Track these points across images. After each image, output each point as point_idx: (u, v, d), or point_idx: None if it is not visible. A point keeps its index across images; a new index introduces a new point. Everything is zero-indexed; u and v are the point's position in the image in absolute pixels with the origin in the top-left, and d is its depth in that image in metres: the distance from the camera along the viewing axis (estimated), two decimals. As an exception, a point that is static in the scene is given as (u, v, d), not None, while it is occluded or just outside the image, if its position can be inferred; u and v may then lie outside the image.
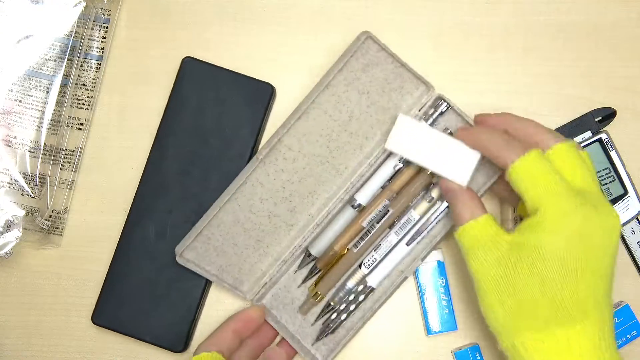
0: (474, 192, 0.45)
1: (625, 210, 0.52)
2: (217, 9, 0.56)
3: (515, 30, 0.55)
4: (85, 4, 0.54)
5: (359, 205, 0.51)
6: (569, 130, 0.53)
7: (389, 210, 0.50)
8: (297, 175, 0.51)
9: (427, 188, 0.50)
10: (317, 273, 0.52)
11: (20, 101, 0.54)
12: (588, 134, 0.53)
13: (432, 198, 0.50)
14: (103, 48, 0.56)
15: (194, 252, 0.50)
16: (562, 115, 0.54)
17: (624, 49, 0.54)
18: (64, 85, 0.54)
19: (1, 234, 0.53)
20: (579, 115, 0.53)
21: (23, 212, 0.53)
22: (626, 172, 0.52)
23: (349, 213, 0.51)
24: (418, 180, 0.50)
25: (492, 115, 0.47)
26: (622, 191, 0.52)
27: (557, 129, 0.53)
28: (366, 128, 0.51)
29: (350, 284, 0.51)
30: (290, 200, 0.51)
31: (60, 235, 0.56)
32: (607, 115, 0.53)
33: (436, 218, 0.50)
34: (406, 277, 0.50)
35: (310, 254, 0.52)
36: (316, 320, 0.52)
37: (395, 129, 0.47)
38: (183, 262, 0.50)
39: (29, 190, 0.53)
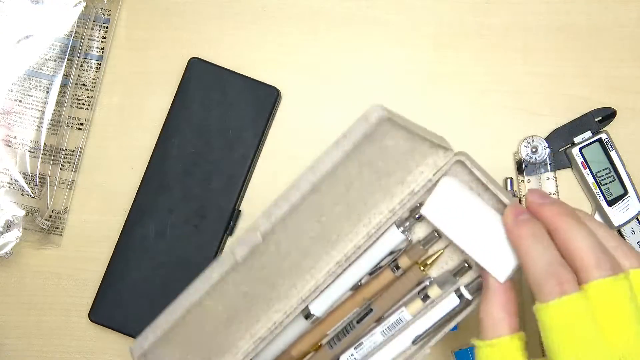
0: (511, 296, 0.36)
1: (625, 210, 0.52)
2: (217, 9, 0.56)
3: (515, 30, 0.55)
4: (85, 4, 0.54)
5: (314, 316, 0.44)
6: (569, 130, 0.53)
7: (371, 309, 0.43)
8: (280, 255, 0.41)
9: (421, 284, 0.43)
10: None
11: (20, 101, 0.54)
12: (588, 134, 0.53)
13: (428, 297, 0.42)
14: (103, 48, 0.56)
15: (153, 355, 0.41)
16: (562, 115, 0.54)
17: (624, 49, 0.54)
18: (64, 85, 0.54)
19: (1, 234, 0.53)
20: (579, 115, 0.53)
21: (23, 212, 0.53)
22: (626, 172, 0.52)
23: (301, 324, 0.45)
24: (410, 275, 0.43)
25: (552, 205, 0.35)
26: (622, 191, 0.52)
27: (557, 129, 0.53)
28: (367, 195, 0.42)
29: None
30: (269, 278, 0.42)
31: (60, 235, 0.56)
32: (607, 115, 0.53)
33: (435, 323, 0.42)
34: None
35: None
36: None
37: (436, 192, 0.40)
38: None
39: (29, 190, 0.53)
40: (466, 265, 0.41)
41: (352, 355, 0.43)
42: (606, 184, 0.52)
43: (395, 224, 0.42)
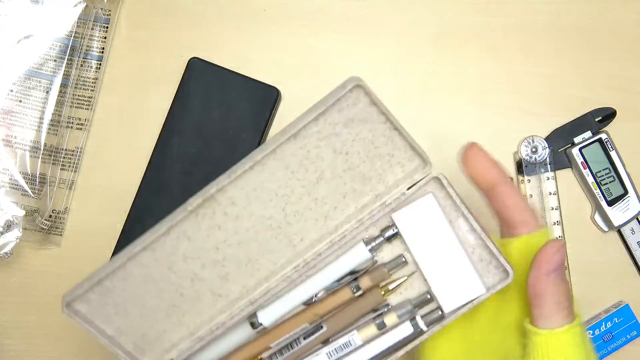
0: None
1: (625, 210, 0.52)
2: (217, 9, 0.56)
3: (515, 30, 0.55)
4: (85, 4, 0.54)
5: (260, 325, 0.41)
6: (569, 130, 0.53)
7: (322, 326, 0.40)
8: (238, 237, 0.40)
9: (377, 310, 0.41)
10: None
11: (20, 101, 0.54)
12: (588, 134, 0.53)
13: (384, 325, 0.40)
14: (103, 48, 0.56)
15: (87, 304, 0.39)
16: (562, 115, 0.54)
17: (624, 49, 0.54)
18: (64, 85, 0.54)
19: (1, 234, 0.53)
20: (579, 115, 0.53)
21: (23, 212, 0.53)
22: (626, 172, 0.52)
23: (245, 331, 0.42)
24: (369, 298, 0.41)
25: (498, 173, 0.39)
26: (622, 191, 0.52)
27: (557, 129, 0.53)
28: (337, 196, 0.40)
29: None
30: (223, 265, 0.40)
31: (60, 235, 0.56)
32: (607, 115, 0.53)
33: (384, 351, 0.40)
34: None
35: None
36: None
37: (415, 205, 0.39)
38: (69, 315, 0.38)
39: (29, 190, 0.53)
40: (428, 297, 0.40)
41: None
42: (606, 184, 0.52)
43: (364, 241, 0.40)
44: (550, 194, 0.53)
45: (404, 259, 0.40)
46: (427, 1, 0.55)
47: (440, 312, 0.39)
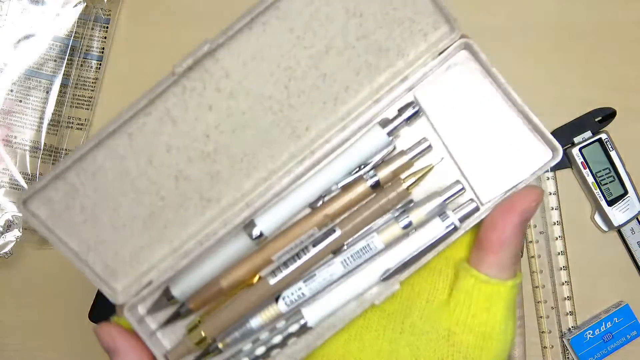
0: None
1: (625, 210, 0.52)
2: (217, 9, 0.56)
3: (516, 30, 0.55)
4: (85, 4, 0.54)
5: (260, 234, 0.33)
6: (569, 130, 0.53)
7: (334, 230, 0.33)
8: (232, 122, 0.32)
9: (405, 204, 0.34)
10: (186, 315, 0.35)
11: (20, 101, 0.54)
12: (588, 134, 0.53)
13: (410, 223, 0.33)
14: (103, 48, 0.56)
15: (46, 205, 0.32)
16: (562, 115, 0.54)
17: (624, 49, 0.54)
18: (64, 85, 0.54)
19: (1, 234, 0.53)
20: (579, 115, 0.53)
21: (23, 212, 0.53)
22: (626, 172, 0.52)
23: (241, 243, 0.34)
24: (389, 193, 0.33)
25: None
26: (622, 191, 0.52)
27: (557, 129, 0.53)
28: (349, 73, 0.33)
29: (256, 322, 0.34)
30: (214, 159, 0.33)
31: (60, 235, 0.56)
32: (607, 115, 0.53)
33: (411, 255, 0.33)
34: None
35: (170, 296, 0.34)
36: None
37: (442, 78, 0.33)
38: (26, 216, 0.31)
39: (29, 190, 0.53)
40: (461, 187, 0.33)
41: (299, 289, 0.33)
42: (606, 184, 0.52)
43: (379, 124, 0.33)
44: (550, 194, 0.53)
45: (428, 143, 0.33)
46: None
47: (475, 204, 0.33)
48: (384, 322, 0.34)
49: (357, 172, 0.34)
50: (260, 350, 0.34)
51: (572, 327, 0.53)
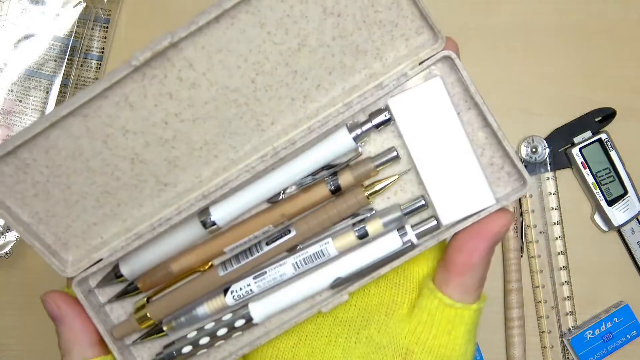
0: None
1: (625, 210, 0.52)
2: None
3: (516, 30, 0.55)
4: (85, 4, 0.54)
5: (213, 224, 0.33)
6: (569, 130, 0.53)
7: (289, 230, 0.33)
8: (193, 111, 0.32)
9: (364, 213, 0.33)
10: (134, 293, 0.35)
11: (20, 101, 0.54)
12: (588, 134, 0.53)
13: (366, 233, 0.32)
14: (103, 48, 0.56)
15: None
16: (562, 115, 0.54)
17: (624, 49, 0.54)
18: (64, 85, 0.54)
19: (1, 234, 0.53)
20: (579, 115, 0.53)
21: (23, 212, 0.53)
22: (626, 172, 0.52)
23: (194, 231, 0.34)
24: (349, 199, 0.32)
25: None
26: (622, 191, 0.52)
27: (557, 129, 0.53)
28: (321, 71, 0.32)
29: (202, 311, 0.34)
30: (172, 145, 0.32)
31: (60, 235, 0.56)
32: (607, 115, 0.53)
33: (365, 266, 0.32)
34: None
35: (119, 274, 0.34)
36: (138, 339, 0.35)
37: (418, 89, 0.32)
38: None
39: (29, 190, 0.53)
40: (423, 202, 0.32)
41: (248, 285, 0.33)
42: (606, 184, 0.52)
43: (347, 127, 0.32)
44: (550, 194, 0.53)
45: (395, 153, 0.32)
46: (427, 1, 0.55)
47: (435, 222, 0.32)
48: (336, 330, 0.34)
49: (319, 173, 0.33)
50: (204, 340, 0.34)
51: (572, 327, 0.53)
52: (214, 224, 0.33)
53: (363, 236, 0.32)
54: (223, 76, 0.31)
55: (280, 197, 0.33)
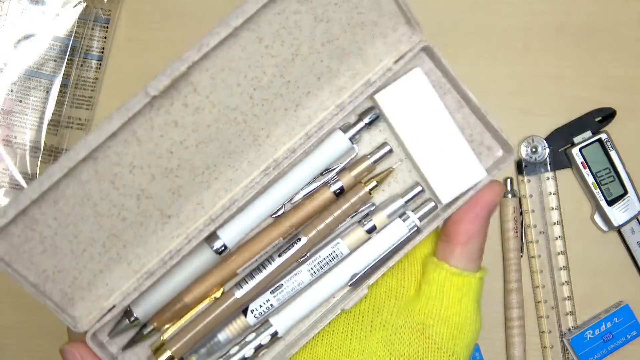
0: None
1: (625, 210, 0.52)
2: (217, 9, 0.56)
3: (515, 30, 0.55)
4: (85, 4, 0.54)
5: (225, 248, 0.33)
6: (569, 130, 0.53)
7: (299, 238, 0.33)
8: (196, 136, 0.32)
9: (367, 208, 0.35)
10: (150, 334, 0.34)
11: (20, 101, 0.54)
12: (588, 134, 0.53)
13: (374, 227, 0.34)
14: (103, 48, 0.56)
15: (7, 241, 0.30)
16: (562, 115, 0.54)
17: (624, 49, 0.54)
18: (64, 85, 0.54)
19: (1, 234, 0.53)
20: (579, 115, 0.53)
21: (23, 212, 0.53)
22: (626, 172, 0.52)
23: (204, 257, 0.34)
24: (353, 194, 0.34)
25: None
26: (622, 191, 0.52)
27: (557, 129, 0.53)
28: (311, 78, 0.33)
29: (223, 336, 0.33)
30: (176, 175, 0.32)
31: (60, 235, 0.56)
32: (607, 115, 0.53)
33: (377, 258, 0.33)
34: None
35: (132, 317, 0.33)
36: None
37: (400, 82, 0.33)
38: None
39: (29, 190, 0.53)
40: (420, 188, 0.34)
41: (267, 301, 0.33)
42: (606, 184, 0.52)
43: (341, 129, 0.33)
44: (550, 193, 0.53)
45: (389, 147, 0.34)
46: (427, 1, 0.55)
47: (433, 203, 0.34)
48: (351, 324, 0.35)
49: (319, 179, 0.34)
50: None
51: (572, 327, 0.53)
52: (225, 247, 0.33)
53: (371, 230, 0.33)
54: (225, 95, 0.31)
55: (285, 209, 0.34)
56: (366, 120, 0.34)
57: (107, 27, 0.56)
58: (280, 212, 0.34)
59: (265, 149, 0.33)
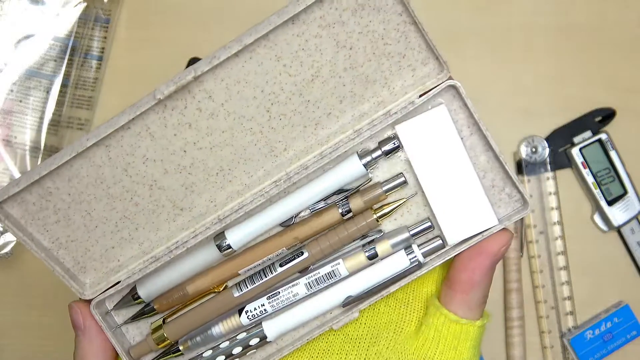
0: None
1: (625, 210, 0.52)
2: (217, 9, 0.56)
3: (516, 30, 0.55)
4: (85, 4, 0.54)
5: (229, 247, 0.34)
6: (569, 130, 0.53)
7: (302, 252, 0.34)
8: (210, 139, 0.33)
9: (373, 235, 0.35)
10: (150, 314, 0.36)
11: (20, 101, 0.54)
12: (588, 134, 0.53)
13: (376, 254, 0.34)
14: (103, 48, 0.56)
15: (21, 207, 0.33)
16: (562, 115, 0.54)
17: (624, 49, 0.54)
18: (64, 85, 0.54)
19: (1, 234, 0.53)
20: (579, 115, 0.53)
21: (23, 212, 0.53)
22: (626, 172, 0.52)
23: (209, 254, 0.35)
24: (359, 221, 0.34)
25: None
26: (622, 191, 0.52)
27: (557, 129, 0.53)
28: (333, 100, 0.34)
29: (217, 330, 0.35)
30: (189, 172, 0.34)
31: (60, 235, 0.56)
32: (607, 115, 0.53)
33: (374, 285, 0.34)
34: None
35: (136, 296, 0.36)
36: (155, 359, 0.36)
37: (424, 116, 0.33)
38: (0, 218, 0.33)
39: (29, 190, 0.53)
40: (429, 224, 0.34)
41: (262, 305, 0.34)
42: (606, 184, 0.52)
43: (358, 154, 0.34)
44: (550, 194, 0.53)
45: (403, 179, 0.34)
46: (427, 1, 0.55)
47: (440, 241, 0.34)
48: (347, 347, 0.35)
49: (330, 198, 0.34)
50: (220, 359, 0.35)
51: (572, 327, 0.53)
52: (229, 247, 0.34)
53: (373, 257, 0.34)
54: (240, 106, 0.33)
55: (293, 221, 0.35)
56: (384, 149, 0.34)
57: (107, 27, 0.56)
58: (290, 223, 0.35)
59: (283, 161, 0.35)
